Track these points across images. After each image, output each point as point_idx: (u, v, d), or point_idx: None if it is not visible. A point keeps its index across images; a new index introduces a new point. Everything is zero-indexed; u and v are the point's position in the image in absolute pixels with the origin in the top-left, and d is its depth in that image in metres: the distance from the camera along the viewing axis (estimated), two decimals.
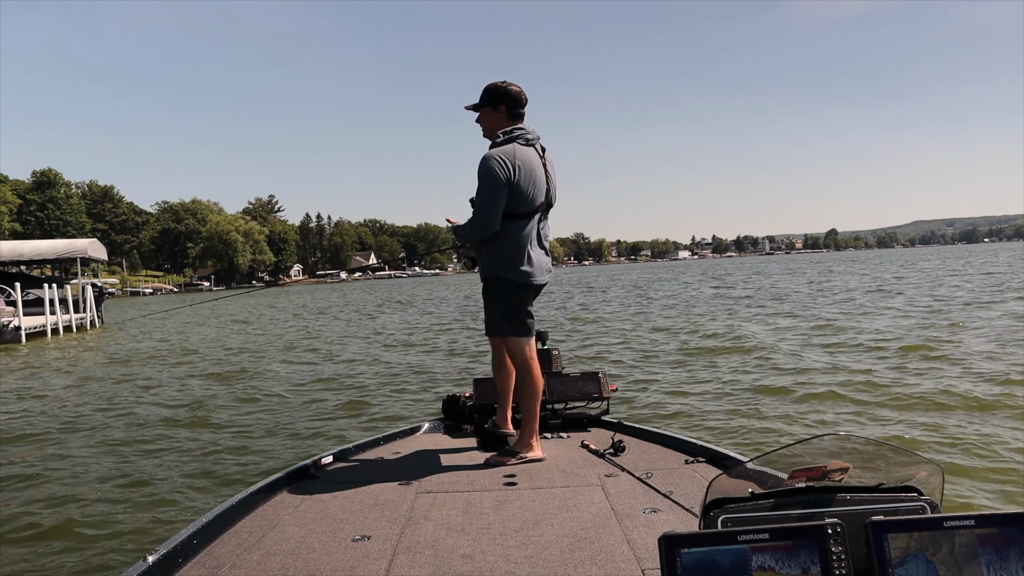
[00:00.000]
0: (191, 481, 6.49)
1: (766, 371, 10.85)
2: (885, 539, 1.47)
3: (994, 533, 1.46)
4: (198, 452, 7.52)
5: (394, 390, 10.97)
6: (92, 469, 7.03)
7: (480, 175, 3.65)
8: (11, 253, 32.55)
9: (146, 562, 2.35)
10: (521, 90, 3.83)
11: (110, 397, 11.65)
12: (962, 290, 26.14)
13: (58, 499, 6.10)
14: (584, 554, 2.45)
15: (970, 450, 6.19)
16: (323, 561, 2.49)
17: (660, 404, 8.82)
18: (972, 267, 49.08)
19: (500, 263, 3.75)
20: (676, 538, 1.45)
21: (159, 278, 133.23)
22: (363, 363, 14.48)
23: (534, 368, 3.82)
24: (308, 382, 12.26)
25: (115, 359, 18.07)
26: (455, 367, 13.18)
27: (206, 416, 9.50)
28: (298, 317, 33.28)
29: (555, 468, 3.61)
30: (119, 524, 5.46)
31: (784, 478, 1.69)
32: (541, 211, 3.80)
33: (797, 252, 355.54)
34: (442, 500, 3.16)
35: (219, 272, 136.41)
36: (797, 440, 1.81)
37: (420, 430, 4.68)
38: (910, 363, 10.75)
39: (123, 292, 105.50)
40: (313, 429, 8.41)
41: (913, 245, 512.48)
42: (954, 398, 8.15)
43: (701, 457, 3.57)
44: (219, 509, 2.94)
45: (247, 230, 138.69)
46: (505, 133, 3.76)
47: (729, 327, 17.25)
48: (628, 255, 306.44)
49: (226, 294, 43.00)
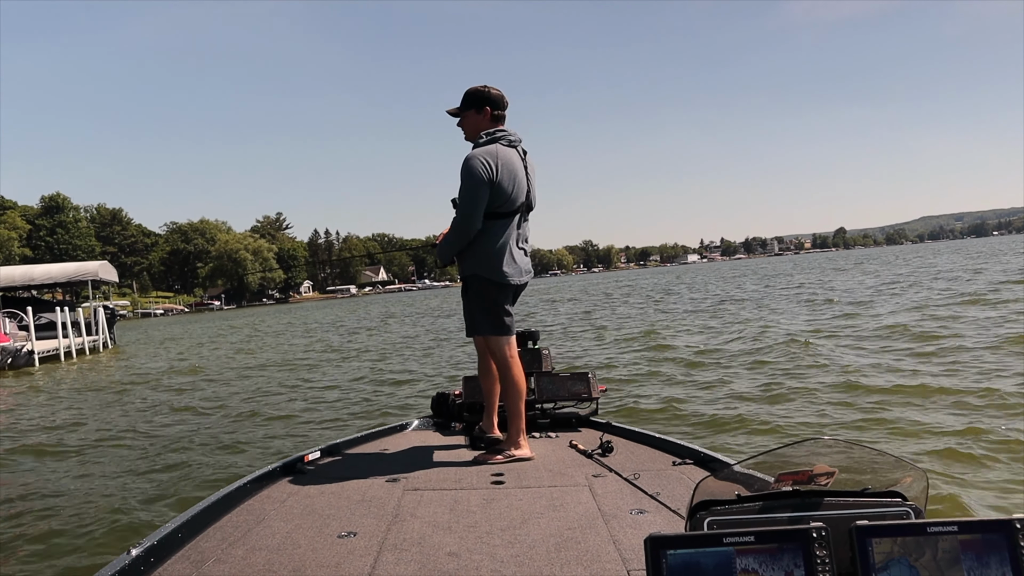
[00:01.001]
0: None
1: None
2: (869, 544, 1.46)
3: (976, 539, 1.46)
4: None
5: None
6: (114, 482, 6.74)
7: (463, 174, 3.69)
8: (23, 278, 32.51)
9: (129, 555, 2.32)
10: (502, 93, 3.90)
11: (132, 413, 11.39)
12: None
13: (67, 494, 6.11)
14: (570, 554, 2.43)
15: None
16: (308, 557, 2.47)
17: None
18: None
19: (479, 262, 3.77)
20: (662, 539, 1.45)
21: (170, 299, 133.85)
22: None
23: (515, 367, 3.85)
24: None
25: (137, 377, 17.88)
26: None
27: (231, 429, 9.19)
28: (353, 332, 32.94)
29: (543, 467, 3.61)
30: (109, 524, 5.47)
31: (771, 481, 1.69)
32: (521, 212, 3.84)
33: (806, 252, 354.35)
34: (429, 498, 3.15)
35: (229, 291, 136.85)
36: (785, 443, 1.79)
37: (409, 427, 4.69)
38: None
39: (134, 314, 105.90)
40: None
41: (922, 241, 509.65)
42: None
43: (689, 459, 3.56)
44: (204, 503, 2.93)
45: (256, 248, 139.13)
46: (488, 134, 3.81)
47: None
48: (637, 261, 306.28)
49: (263, 310, 42.23)
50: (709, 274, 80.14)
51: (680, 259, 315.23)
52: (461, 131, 3.97)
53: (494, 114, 3.86)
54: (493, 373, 3.96)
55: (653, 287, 53.21)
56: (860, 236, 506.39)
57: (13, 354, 24.53)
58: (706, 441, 6.74)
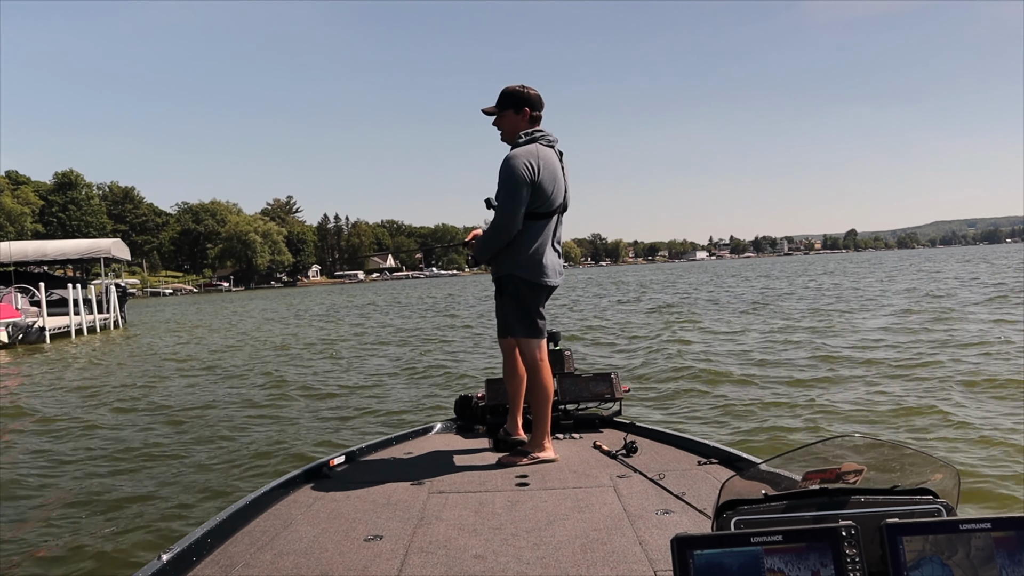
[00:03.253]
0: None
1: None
2: (900, 542, 1.45)
3: (1011, 537, 1.43)
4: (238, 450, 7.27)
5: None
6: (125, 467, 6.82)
7: (503, 174, 3.68)
8: (36, 253, 32.69)
9: (160, 561, 2.36)
10: (539, 94, 3.90)
11: (140, 395, 11.47)
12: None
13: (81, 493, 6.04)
14: (596, 555, 2.44)
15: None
16: (335, 561, 2.49)
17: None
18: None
19: (516, 262, 3.76)
20: (689, 539, 1.44)
21: (179, 278, 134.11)
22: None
23: (544, 370, 3.85)
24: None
25: (150, 355, 17.93)
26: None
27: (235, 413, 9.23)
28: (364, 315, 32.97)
29: (567, 469, 3.62)
30: (138, 523, 5.46)
31: (798, 480, 1.68)
32: (558, 213, 3.85)
33: (816, 253, 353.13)
34: (454, 500, 3.16)
35: (238, 273, 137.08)
36: (811, 441, 1.77)
37: (432, 430, 4.71)
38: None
39: (143, 293, 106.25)
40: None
41: (934, 246, 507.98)
42: None
43: (714, 458, 3.56)
44: (232, 508, 2.96)
45: (266, 231, 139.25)
46: (527, 134, 3.81)
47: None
48: (645, 256, 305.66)
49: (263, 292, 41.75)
50: (753, 271, 79.62)
51: (688, 255, 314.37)
52: (496, 129, 3.93)
53: (533, 115, 3.85)
54: (519, 375, 3.94)
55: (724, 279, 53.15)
56: (871, 239, 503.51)
57: (24, 330, 24.69)
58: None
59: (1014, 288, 26.09)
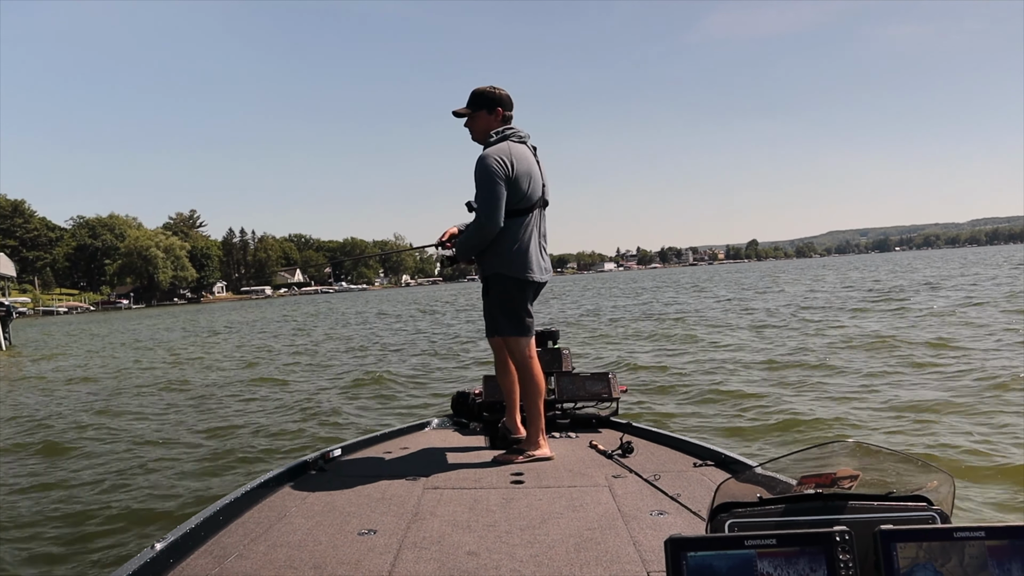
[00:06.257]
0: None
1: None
2: (894, 548, 1.45)
3: (1004, 545, 1.44)
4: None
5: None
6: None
7: (479, 174, 3.70)
8: None
9: (153, 550, 2.36)
10: (508, 93, 3.95)
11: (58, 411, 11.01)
12: None
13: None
14: (590, 554, 2.44)
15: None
16: (329, 554, 2.49)
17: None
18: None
19: (500, 261, 3.78)
20: (682, 541, 1.45)
21: (74, 296, 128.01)
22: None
23: (534, 367, 3.87)
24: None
25: (37, 382, 17.19)
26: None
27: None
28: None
29: (563, 467, 3.62)
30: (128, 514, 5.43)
31: (793, 484, 1.68)
32: (539, 207, 3.87)
33: (719, 263, 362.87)
34: (449, 496, 3.16)
35: (139, 289, 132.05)
36: (807, 446, 1.80)
37: (428, 426, 4.71)
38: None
39: (35, 312, 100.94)
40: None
41: (829, 254, 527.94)
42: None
43: (710, 460, 3.57)
44: (227, 499, 2.95)
45: (168, 246, 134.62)
46: (497, 133, 3.86)
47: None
48: (555, 267, 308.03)
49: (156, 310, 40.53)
50: (696, 278, 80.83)
51: (597, 267, 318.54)
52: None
53: (505, 115, 3.91)
54: (511, 371, 3.93)
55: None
56: (772, 248, 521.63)
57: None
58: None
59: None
